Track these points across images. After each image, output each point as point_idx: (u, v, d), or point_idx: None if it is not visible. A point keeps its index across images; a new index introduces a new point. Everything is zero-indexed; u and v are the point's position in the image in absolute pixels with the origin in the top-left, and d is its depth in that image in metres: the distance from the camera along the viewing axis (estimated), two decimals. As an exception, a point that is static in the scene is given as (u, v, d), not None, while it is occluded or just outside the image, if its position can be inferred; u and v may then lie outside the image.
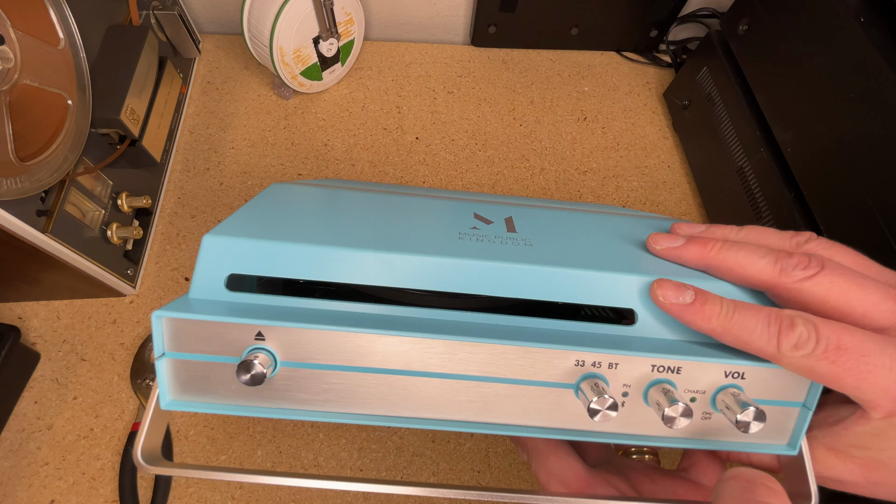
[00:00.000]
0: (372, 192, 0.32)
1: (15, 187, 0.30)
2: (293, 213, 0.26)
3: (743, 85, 0.48)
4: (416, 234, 0.24)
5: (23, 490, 0.37)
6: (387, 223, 0.26)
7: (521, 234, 0.25)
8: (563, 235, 0.27)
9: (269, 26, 0.50)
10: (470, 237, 0.24)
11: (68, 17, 0.35)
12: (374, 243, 0.22)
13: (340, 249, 0.21)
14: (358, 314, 0.21)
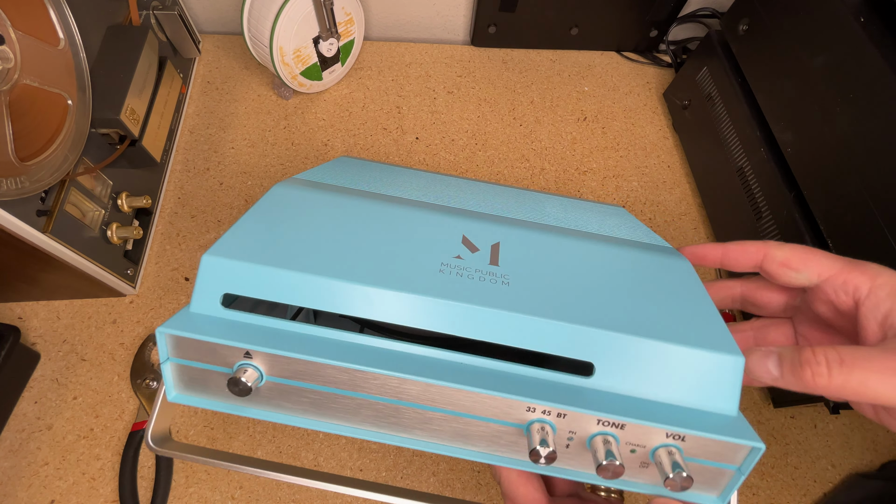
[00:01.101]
0: (373, 197, 0.32)
1: (15, 187, 0.30)
2: (287, 230, 0.27)
3: (743, 85, 0.48)
4: (399, 263, 0.26)
5: (23, 490, 0.37)
6: (374, 247, 0.26)
7: (502, 267, 0.26)
8: (544, 272, 0.27)
9: (269, 26, 0.50)
10: (450, 270, 0.26)
11: (68, 17, 0.35)
12: (354, 274, 0.24)
13: (322, 279, 0.23)
14: (335, 341, 0.23)
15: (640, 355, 0.23)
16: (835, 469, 0.42)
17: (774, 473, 0.42)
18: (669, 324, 0.24)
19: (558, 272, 0.27)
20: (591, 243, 0.31)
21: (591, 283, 0.27)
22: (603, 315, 0.24)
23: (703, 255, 0.29)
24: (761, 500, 0.41)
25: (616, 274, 0.28)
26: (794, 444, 0.43)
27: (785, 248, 0.25)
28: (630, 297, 0.26)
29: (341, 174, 0.36)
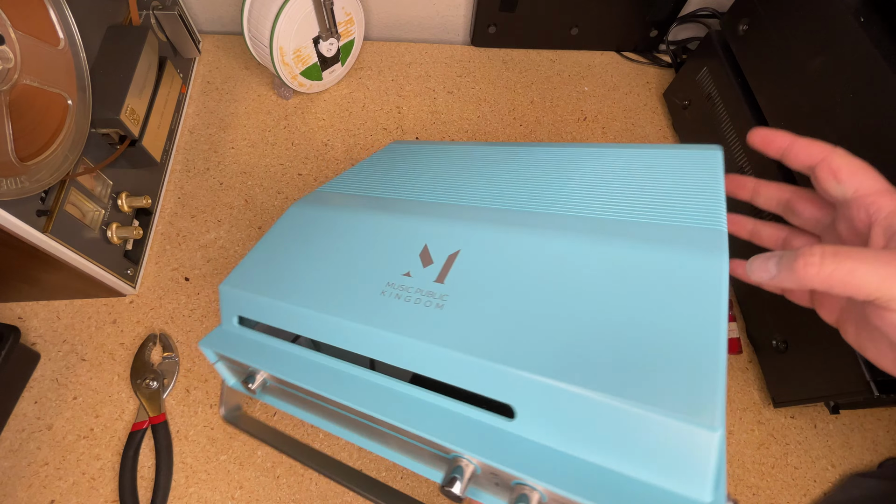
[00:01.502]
0: (371, 207, 0.34)
1: (15, 187, 0.30)
2: (283, 259, 0.32)
3: (743, 85, 0.48)
4: (351, 287, 0.28)
5: (23, 490, 0.37)
6: (339, 271, 0.30)
7: (446, 285, 0.26)
8: (490, 291, 0.25)
9: (269, 26, 0.50)
10: (391, 292, 0.27)
11: (68, 17, 0.35)
12: (314, 302, 0.28)
13: (291, 307, 0.29)
14: (304, 360, 0.28)
15: (571, 407, 0.20)
16: (835, 469, 0.42)
17: (774, 473, 0.42)
18: (632, 368, 0.19)
19: (508, 289, 0.24)
20: (578, 242, 0.26)
21: (542, 305, 0.23)
22: (537, 351, 0.21)
23: (770, 141, 0.28)
24: (761, 500, 0.41)
25: (589, 291, 0.23)
26: (794, 444, 0.43)
27: (846, 157, 0.25)
28: (591, 327, 0.21)
29: (366, 177, 0.39)
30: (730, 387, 0.45)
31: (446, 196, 0.34)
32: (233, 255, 0.48)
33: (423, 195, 0.34)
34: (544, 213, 0.29)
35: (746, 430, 0.43)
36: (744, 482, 0.41)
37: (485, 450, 0.21)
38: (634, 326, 0.20)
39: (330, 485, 0.39)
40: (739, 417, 0.44)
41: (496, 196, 0.32)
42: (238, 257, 0.48)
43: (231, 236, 0.49)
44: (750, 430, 0.43)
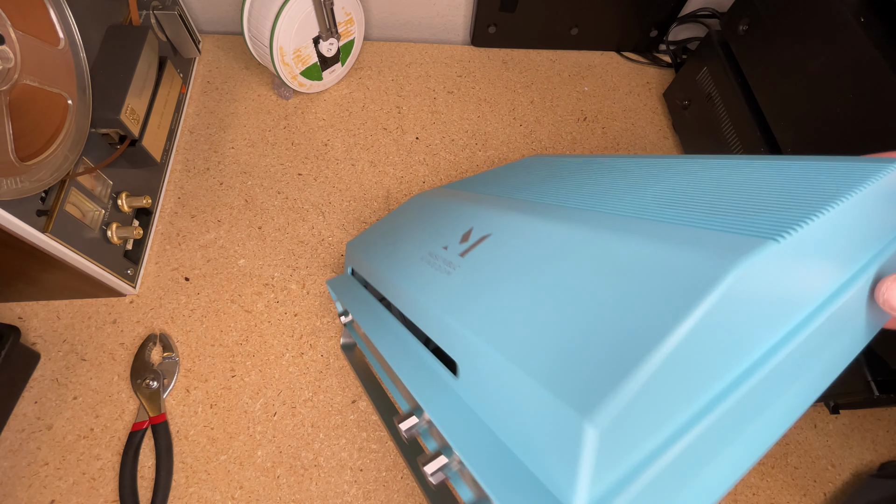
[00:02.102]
0: (467, 199, 0.36)
1: (15, 187, 0.30)
2: (386, 230, 0.40)
3: (743, 85, 0.48)
4: (409, 254, 0.34)
5: (23, 490, 0.37)
6: (408, 242, 0.36)
7: (465, 259, 0.29)
8: (497, 266, 0.26)
9: (269, 26, 0.50)
10: (428, 259, 0.31)
11: (68, 17, 0.35)
12: (387, 264, 0.35)
13: (376, 267, 0.36)
14: (373, 314, 0.34)
15: (495, 375, 0.20)
16: (835, 469, 0.42)
17: (774, 473, 0.42)
18: (567, 354, 0.18)
19: (503, 268, 0.25)
20: (587, 234, 0.24)
21: (523, 286, 0.23)
22: (492, 319, 0.22)
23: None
24: (761, 500, 0.41)
25: (571, 279, 0.22)
26: (794, 444, 0.43)
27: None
28: (553, 311, 0.21)
29: (481, 179, 0.42)
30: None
31: (527, 194, 0.33)
32: (233, 255, 0.48)
33: (515, 193, 0.34)
34: (594, 212, 0.27)
35: (746, 430, 0.43)
36: (744, 482, 0.41)
37: (427, 398, 0.23)
38: (596, 319, 0.19)
39: (330, 485, 0.39)
40: (739, 417, 0.44)
41: (568, 196, 0.30)
42: (238, 257, 0.48)
43: (231, 236, 0.49)
44: (750, 430, 0.43)
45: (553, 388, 0.17)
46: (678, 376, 0.16)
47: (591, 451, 0.15)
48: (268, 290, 0.46)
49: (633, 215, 0.24)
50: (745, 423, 0.18)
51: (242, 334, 0.44)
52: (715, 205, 0.22)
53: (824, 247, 0.19)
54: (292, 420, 0.41)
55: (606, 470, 0.15)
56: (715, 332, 0.16)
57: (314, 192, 0.52)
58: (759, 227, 0.18)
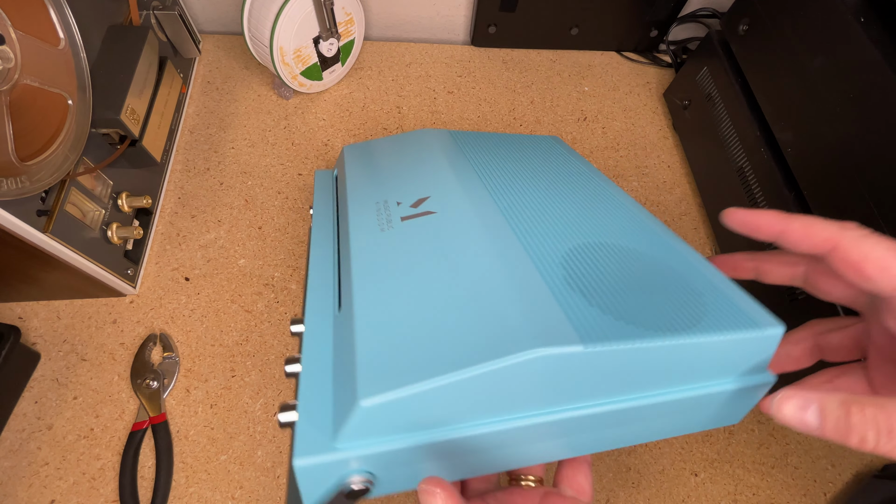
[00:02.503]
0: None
1: (15, 187, 0.30)
2: (378, 162, 0.39)
3: (743, 85, 0.48)
4: (370, 195, 0.35)
5: (23, 490, 0.37)
6: (383, 185, 0.36)
7: (402, 224, 0.31)
8: (407, 242, 0.29)
9: (269, 26, 0.50)
10: (377, 207, 0.33)
11: (68, 17, 0.35)
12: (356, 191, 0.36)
13: (346, 196, 0.37)
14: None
15: (347, 331, 0.25)
16: (834, 469, 0.42)
17: (774, 473, 0.42)
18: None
19: (420, 247, 0.28)
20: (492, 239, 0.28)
21: (426, 269, 0.27)
22: (374, 292, 0.26)
23: (755, 225, 0.24)
24: (761, 499, 0.41)
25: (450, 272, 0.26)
26: (794, 444, 0.43)
27: (864, 245, 0.21)
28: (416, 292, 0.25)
29: (488, 150, 0.40)
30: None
31: (496, 186, 0.34)
32: (233, 255, 0.48)
33: (489, 179, 0.35)
34: (513, 240, 0.29)
35: (746, 430, 0.43)
36: (744, 482, 0.41)
37: (312, 312, 0.28)
38: (428, 329, 0.23)
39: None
40: (739, 417, 0.44)
41: (518, 207, 0.32)
42: (238, 257, 0.48)
43: (231, 236, 0.49)
44: (750, 430, 0.43)
45: (362, 366, 0.21)
46: (439, 405, 0.20)
47: (355, 419, 0.20)
48: (268, 290, 0.46)
49: (533, 257, 0.26)
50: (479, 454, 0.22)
51: (242, 334, 0.44)
52: (594, 288, 0.24)
53: (626, 365, 0.22)
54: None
55: (360, 434, 0.20)
56: (486, 387, 0.20)
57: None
58: (596, 330, 0.21)
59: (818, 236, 0.22)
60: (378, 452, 0.20)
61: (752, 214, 0.24)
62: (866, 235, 0.21)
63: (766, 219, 0.24)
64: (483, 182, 0.34)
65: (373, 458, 0.20)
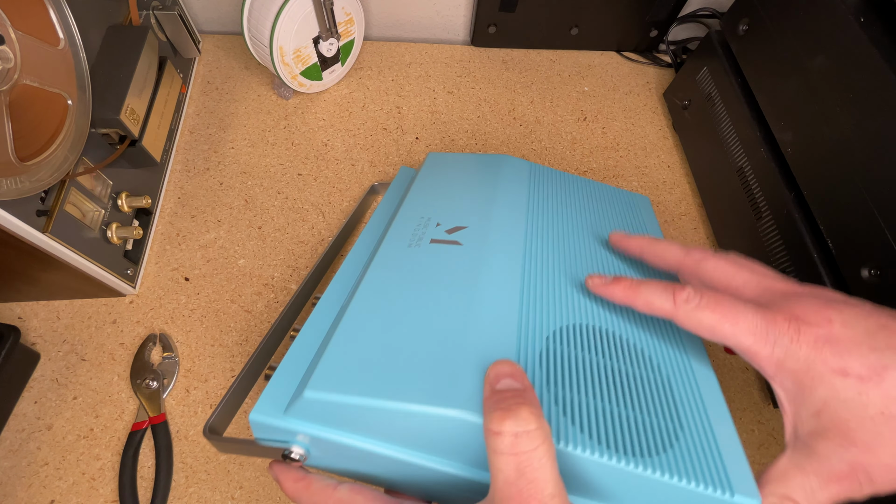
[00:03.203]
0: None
1: (15, 187, 0.30)
2: (444, 179, 0.41)
3: (743, 85, 0.48)
4: (413, 217, 0.36)
5: (23, 490, 0.37)
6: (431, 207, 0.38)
7: (430, 247, 0.32)
8: (428, 271, 0.30)
9: (269, 26, 0.50)
10: (422, 224, 0.34)
11: (68, 17, 0.35)
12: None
13: (403, 201, 0.39)
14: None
15: (338, 322, 0.28)
16: None
17: (774, 473, 0.42)
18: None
19: (432, 277, 0.29)
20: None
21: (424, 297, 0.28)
22: (375, 300, 0.29)
23: (625, 247, 0.32)
24: (761, 500, 0.41)
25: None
26: (794, 444, 0.43)
27: (692, 319, 0.23)
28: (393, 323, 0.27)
29: (543, 196, 0.39)
30: (730, 387, 0.45)
31: (533, 227, 0.34)
32: (233, 255, 0.48)
33: (532, 221, 0.35)
34: (523, 272, 0.30)
35: (746, 430, 0.43)
36: (744, 482, 0.41)
37: (330, 294, 0.32)
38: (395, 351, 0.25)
39: (330, 485, 0.39)
40: (739, 417, 0.44)
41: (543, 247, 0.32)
42: (238, 257, 0.48)
43: (231, 236, 0.49)
44: (750, 430, 0.43)
45: (324, 363, 0.24)
46: (370, 420, 0.23)
47: (300, 404, 0.24)
48: (268, 290, 0.46)
49: (523, 326, 0.26)
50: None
51: (242, 334, 0.44)
52: (565, 379, 0.24)
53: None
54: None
55: (302, 416, 0.24)
56: (411, 422, 0.22)
57: (314, 192, 0.52)
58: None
59: (668, 257, 0.29)
60: (312, 435, 0.24)
61: (622, 238, 0.32)
62: (696, 308, 0.23)
63: (632, 241, 0.31)
64: (527, 225, 0.33)
65: (308, 437, 0.24)
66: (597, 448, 0.21)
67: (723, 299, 0.23)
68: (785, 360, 0.21)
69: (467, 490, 0.23)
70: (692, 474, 0.21)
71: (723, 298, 0.23)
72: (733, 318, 0.22)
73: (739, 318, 0.22)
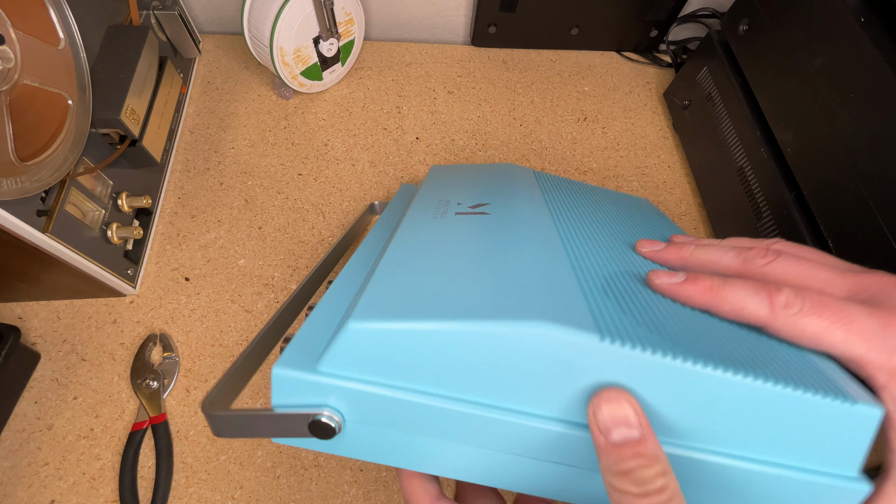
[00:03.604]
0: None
1: (15, 187, 0.30)
2: (449, 188, 0.37)
3: (743, 85, 0.48)
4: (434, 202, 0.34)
5: (23, 490, 0.37)
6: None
7: (455, 218, 0.30)
8: (456, 235, 0.27)
9: (269, 26, 0.50)
10: (443, 204, 0.32)
11: (68, 17, 0.35)
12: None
13: (409, 208, 0.35)
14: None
15: (372, 273, 0.25)
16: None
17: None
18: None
19: (465, 242, 0.27)
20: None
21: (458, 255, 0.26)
22: (404, 256, 0.25)
23: (663, 260, 0.26)
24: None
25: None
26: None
27: (796, 326, 0.20)
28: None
29: (559, 198, 0.37)
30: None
31: (555, 207, 0.33)
32: (233, 255, 0.48)
33: (553, 205, 0.33)
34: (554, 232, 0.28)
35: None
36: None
37: (355, 258, 0.29)
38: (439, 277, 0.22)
39: (330, 485, 0.39)
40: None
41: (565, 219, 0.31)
42: (238, 257, 0.48)
43: (231, 236, 0.49)
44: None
45: (368, 296, 0.21)
46: (427, 354, 0.18)
47: (342, 341, 0.19)
48: (268, 290, 0.46)
49: (573, 260, 0.24)
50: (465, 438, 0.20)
51: (242, 334, 0.44)
52: (636, 305, 0.21)
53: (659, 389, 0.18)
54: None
55: (342, 362, 0.19)
56: (478, 352, 0.18)
57: (314, 192, 0.52)
58: (621, 331, 0.18)
59: (721, 271, 0.24)
60: (353, 390, 0.19)
61: (657, 251, 0.27)
62: (800, 314, 0.20)
63: (670, 254, 0.26)
64: (551, 213, 0.31)
65: (347, 394, 0.19)
66: (693, 357, 0.18)
67: (829, 302, 0.20)
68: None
69: (552, 450, 0.19)
70: (806, 383, 0.18)
71: (828, 301, 0.20)
72: (846, 323, 0.19)
73: (853, 323, 0.19)
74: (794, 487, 0.19)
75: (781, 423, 0.18)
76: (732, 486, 0.19)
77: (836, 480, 0.19)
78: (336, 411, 0.19)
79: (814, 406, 0.18)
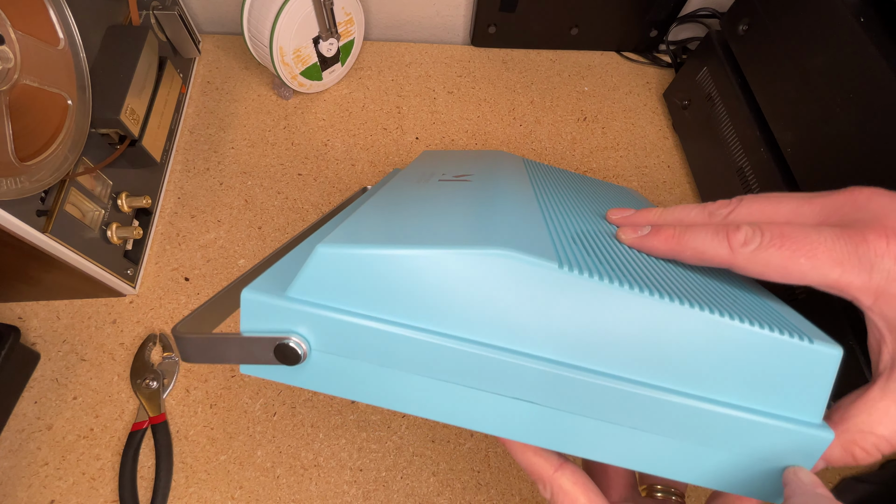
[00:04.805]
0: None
1: (15, 187, 0.30)
2: (441, 164, 0.38)
3: (743, 85, 0.48)
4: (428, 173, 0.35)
5: (23, 490, 0.37)
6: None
7: (438, 184, 0.30)
8: (430, 195, 0.28)
9: (269, 26, 0.50)
10: (436, 176, 0.33)
11: (68, 17, 0.35)
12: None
13: (398, 182, 0.35)
14: None
15: (356, 209, 0.27)
16: (833, 470, 0.42)
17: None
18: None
19: (444, 196, 0.28)
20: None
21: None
22: (387, 206, 0.26)
23: (634, 223, 0.25)
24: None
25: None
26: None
27: (758, 260, 0.19)
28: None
29: (549, 184, 0.37)
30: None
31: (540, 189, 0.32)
32: (233, 255, 0.48)
33: (538, 185, 0.33)
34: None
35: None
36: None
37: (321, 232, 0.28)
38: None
39: (329, 485, 0.39)
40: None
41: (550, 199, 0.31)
42: (238, 257, 0.48)
43: (231, 236, 0.49)
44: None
45: (342, 229, 0.21)
46: (393, 281, 0.19)
47: (310, 266, 0.19)
48: (268, 290, 0.46)
49: (546, 216, 0.24)
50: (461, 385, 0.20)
51: (242, 334, 0.44)
52: (603, 253, 0.21)
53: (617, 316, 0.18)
54: (292, 420, 0.41)
55: (310, 288, 0.19)
56: (444, 278, 0.18)
57: (314, 192, 0.52)
58: (582, 263, 0.19)
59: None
60: (321, 316, 0.19)
61: (627, 216, 0.26)
62: (759, 248, 0.19)
63: (639, 218, 0.26)
64: (532, 183, 0.31)
65: (314, 321, 0.19)
66: (650, 289, 0.18)
67: (789, 231, 0.19)
68: (888, 285, 0.18)
69: (511, 382, 0.19)
70: (769, 323, 0.19)
71: (789, 230, 0.19)
72: (809, 249, 0.18)
73: (818, 249, 0.18)
74: (756, 431, 0.19)
75: (739, 361, 0.18)
76: (692, 427, 0.19)
77: (798, 426, 0.19)
78: (303, 338, 0.19)
79: (771, 343, 0.18)
